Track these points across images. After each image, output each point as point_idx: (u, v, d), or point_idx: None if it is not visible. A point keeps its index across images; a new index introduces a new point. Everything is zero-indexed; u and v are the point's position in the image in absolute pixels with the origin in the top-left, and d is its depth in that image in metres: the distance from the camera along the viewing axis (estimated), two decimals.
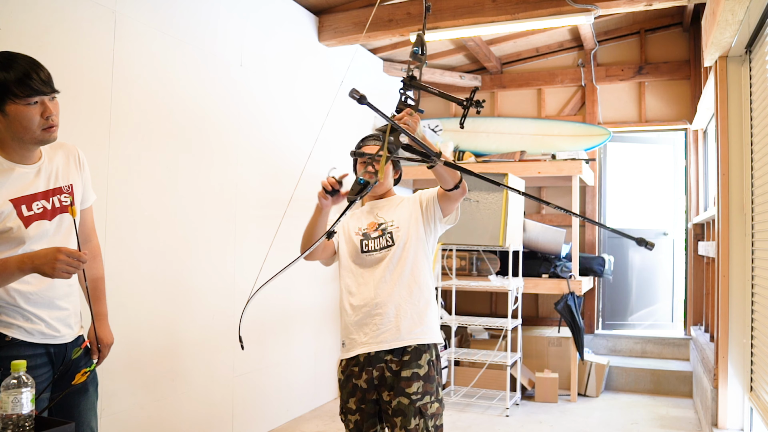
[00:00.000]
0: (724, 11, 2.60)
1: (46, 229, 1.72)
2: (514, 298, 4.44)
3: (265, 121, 3.88)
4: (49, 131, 1.66)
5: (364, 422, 2.12)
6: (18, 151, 1.68)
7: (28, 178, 1.70)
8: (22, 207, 1.66)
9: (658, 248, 5.76)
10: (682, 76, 5.30)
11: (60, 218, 1.77)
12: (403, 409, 2.02)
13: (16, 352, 1.66)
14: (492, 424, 4.09)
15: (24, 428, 1.43)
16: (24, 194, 1.68)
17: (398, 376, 2.05)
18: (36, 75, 1.61)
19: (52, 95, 1.66)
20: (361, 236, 2.18)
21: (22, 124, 1.61)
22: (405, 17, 4.25)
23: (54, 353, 1.78)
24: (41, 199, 1.71)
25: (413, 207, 2.18)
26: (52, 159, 1.78)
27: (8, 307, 1.68)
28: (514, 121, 5.59)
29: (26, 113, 1.60)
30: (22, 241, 1.67)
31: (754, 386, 3.08)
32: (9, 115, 1.60)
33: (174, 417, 3.12)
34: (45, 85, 1.63)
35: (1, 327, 1.67)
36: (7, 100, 1.58)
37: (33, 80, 1.60)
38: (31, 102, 1.60)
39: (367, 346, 2.09)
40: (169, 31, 3.11)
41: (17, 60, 1.62)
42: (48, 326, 1.74)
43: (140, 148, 2.94)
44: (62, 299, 1.78)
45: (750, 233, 3.17)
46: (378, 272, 2.12)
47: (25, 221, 1.67)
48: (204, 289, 3.34)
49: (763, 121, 2.90)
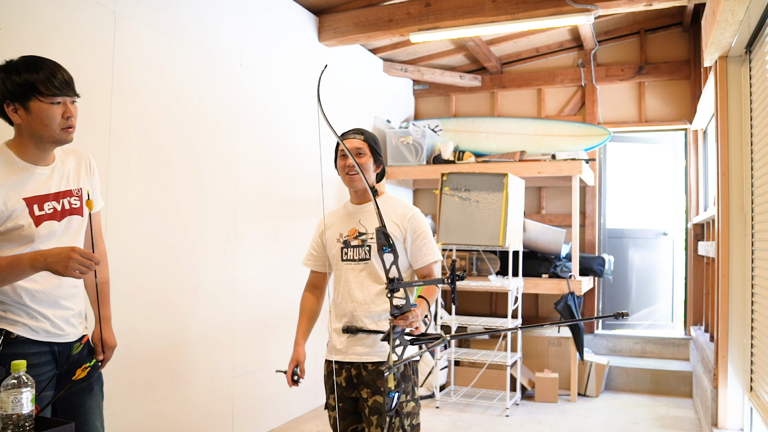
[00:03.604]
0: (724, 11, 2.60)
1: (55, 229, 1.77)
2: (514, 298, 4.44)
3: (266, 121, 3.88)
4: (67, 131, 1.73)
5: (342, 419, 2.16)
6: (34, 152, 1.73)
7: (42, 179, 1.75)
8: (34, 206, 1.71)
9: (658, 248, 5.77)
10: (682, 76, 5.30)
11: (69, 220, 1.81)
12: (379, 408, 2.06)
13: (21, 349, 1.69)
14: (492, 424, 4.09)
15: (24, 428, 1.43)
16: (37, 194, 1.73)
17: (375, 376, 2.09)
18: (61, 76, 1.70)
19: (74, 98, 1.74)
20: (341, 244, 2.20)
21: (44, 121, 1.68)
22: (405, 17, 4.25)
23: (58, 352, 1.81)
24: (52, 200, 1.77)
25: (396, 231, 2.17)
26: (64, 162, 1.84)
27: (14, 305, 1.71)
28: (514, 121, 5.59)
29: (49, 111, 1.67)
30: (32, 239, 1.71)
31: (754, 386, 3.08)
32: (32, 112, 1.67)
33: (174, 417, 3.12)
34: (68, 88, 1.71)
35: (7, 324, 1.71)
36: (32, 98, 1.65)
37: (58, 81, 1.68)
38: (55, 101, 1.68)
39: (341, 355, 2.16)
40: (169, 32, 3.11)
41: (44, 62, 1.71)
42: (52, 324, 1.77)
43: (141, 149, 2.94)
44: (67, 299, 1.82)
45: (750, 233, 3.17)
46: (356, 282, 2.15)
47: (36, 220, 1.71)
48: (204, 289, 3.34)
49: (763, 121, 2.90)
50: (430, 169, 5.11)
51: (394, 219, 2.17)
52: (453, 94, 6.05)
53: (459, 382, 4.79)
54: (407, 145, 5.30)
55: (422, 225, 2.18)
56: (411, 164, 5.27)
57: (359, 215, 2.22)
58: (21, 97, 1.66)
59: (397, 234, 2.16)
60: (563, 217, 5.56)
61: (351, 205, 2.27)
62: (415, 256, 2.16)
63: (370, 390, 2.09)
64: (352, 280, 2.16)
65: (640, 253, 5.76)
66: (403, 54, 5.51)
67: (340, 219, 2.26)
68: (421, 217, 2.21)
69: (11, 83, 1.66)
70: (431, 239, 2.18)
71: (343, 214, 2.27)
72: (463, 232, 4.28)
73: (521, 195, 4.62)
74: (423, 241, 2.16)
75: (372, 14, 4.34)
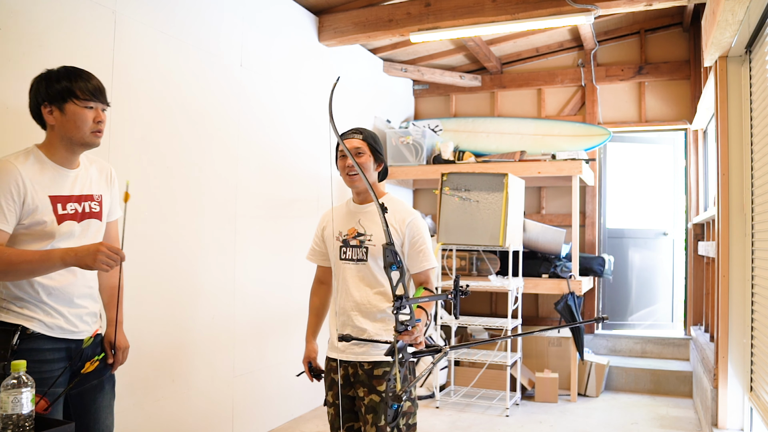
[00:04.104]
0: (724, 11, 2.60)
1: (74, 230, 1.86)
2: (514, 298, 4.44)
3: (266, 121, 3.88)
4: (96, 135, 1.86)
5: (338, 416, 2.18)
6: (63, 154, 1.86)
7: (67, 181, 1.87)
8: (57, 205, 1.82)
9: (658, 248, 5.77)
10: (682, 76, 5.30)
11: (87, 223, 1.91)
12: (375, 407, 2.08)
13: (36, 345, 1.78)
14: (492, 424, 4.09)
15: (24, 428, 1.43)
16: (61, 194, 1.84)
17: (370, 374, 2.11)
18: (96, 84, 1.86)
19: (104, 106, 1.89)
20: (340, 242, 2.22)
21: (77, 123, 1.81)
22: (405, 17, 4.25)
23: (73, 349, 1.88)
24: (74, 201, 1.87)
25: (394, 235, 2.17)
26: (87, 169, 1.96)
27: (32, 301, 1.80)
28: (514, 121, 5.59)
29: (82, 114, 1.81)
30: (52, 236, 1.80)
31: (754, 386, 3.08)
32: (66, 114, 1.80)
33: (174, 417, 3.12)
34: (101, 95, 1.87)
35: (24, 320, 1.78)
36: (69, 100, 1.80)
37: (93, 88, 1.84)
38: (88, 105, 1.82)
39: (339, 353, 2.18)
40: (169, 32, 3.11)
41: (82, 72, 1.87)
42: (67, 321, 1.85)
43: (140, 149, 2.94)
44: (81, 298, 1.90)
45: (750, 233, 3.17)
46: (353, 281, 2.17)
47: (59, 218, 1.82)
48: (204, 289, 3.34)
49: (763, 121, 2.90)
50: (430, 169, 5.11)
51: (393, 223, 2.17)
52: (453, 94, 6.05)
53: (459, 382, 4.79)
54: (407, 145, 5.30)
55: (421, 231, 2.18)
56: (411, 164, 5.27)
57: (359, 215, 2.23)
58: (58, 100, 1.79)
59: (395, 238, 2.16)
60: (563, 217, 5.56)
61: (353, 204, 2.28)
62: (411, 262, 2.18)
63: (367, 389, 2.11)
64: (350, 280, 2.18)
65: (640, 253, 5.76)
66: (403, 54, 5.51)
67: (341, 216, 2.27)
68: (421, 222, 2.21)
69: (52, 89, 1.80)
70: (429, 246, 2.19)
71: (345, 212, 2.28)
72: (463, 232, 4.28)
73: (521, 195, 4.62)
74: (420, 247, 2.17)
75: (372, 14, 4.34)
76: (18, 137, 2.34)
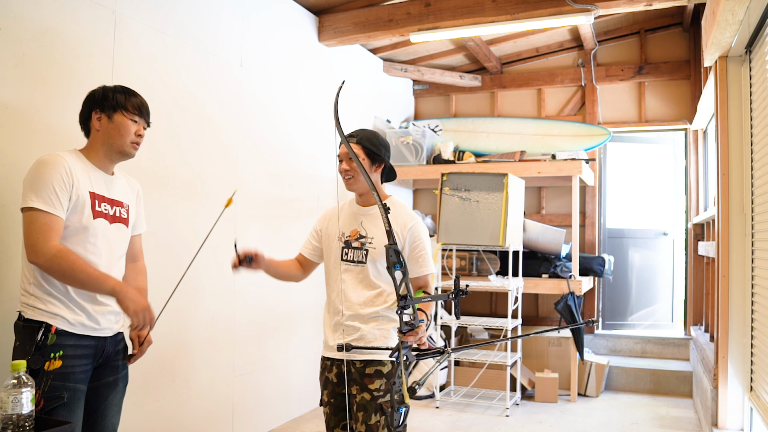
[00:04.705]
0: (724, 11, 2.60)
1: (105, 229, 2.00)
2: (514, 298, 4.44)
3: (266, 121, 3.88)
4: (134, 146, 2.06)
5: (333, 415, 2.21)
6: (102, 160, 2.03)
7: (102, 182, 2.03)
8: (95, 201, 1.97)
9: (658, 248, 5.77)
10: (682, 76, 5.30)
11: (117, 227, 2.05)
12: (365, 405, 2.11)
13: (59, 341, 1.85)
14: (492, 424, 4.09)
15: (24, 428, 1.43)
16: (99, 193, 2.00)
17: (362, 373, 2.14)
18: (143, 103, 2.08)
19: (146, 125, 2.10)
20: (342, 243, 2.25)
21: (120, 132, 2.01)
22: (405, 17, 4.25)
23: (95, 346, 1.96)
24: (108, 203, 2.03)
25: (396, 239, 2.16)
26: (120, 179, 2.13)
27: (59, 296, 1.89)
28: (514, 121, 5.59)
29: (127, 125, 2.02)
30: (86, 229, 1.93)
31: (754, 386, 3.08)
32: (114, 122, 2.00)
33: (174, 417, 3.12)
34: (147, 114, 2.09)
35: (48, 318, 1.86)
36: (118, 111, 2.01)
37: (141, 105, 2.07)
38: (134, 119, 2.03)
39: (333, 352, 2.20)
40: (169, 32, 3.11)
41: (134, 91, 2.09)
42: (89, 317, 1.94)
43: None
44: (104, 296, 1.98)
45: (750, 233, 3.17)
46: (351, 283, 2.20)
47: (95, 214, 1.96)
48: (204, 289, 3.34)
49: (763, 121, 2.90)
50: (430, 169, 5.11)
51: (394, 227, 2.18)
52: (453, 94, 6.05)
53: (459, 382, 4.79)
54: (407, 145, 5.30)
55: (421, 237, 2.21)
56: (411, 164, 5.27)
57: (362, 217, 2.26)
58: (109, 109, 2.00)
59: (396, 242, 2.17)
60: (563, 217, 5.56)
61: (355, 205, 2.31)
62: (410, 267, 2.19)
63: (359, 386, 2.14)
64: (348, 281, 2.20)
65: (640, 253, 5.76)
66: (403, 54, 5.51)
67: (344, 217, 2.29)
68: (422, 227, 2.23)
69: (107, 99, 2.01)
70: (428, 252, 2.23)
71: (348, 213, 2.31)
72: (463, 232, 4.29)
73: (521, 195, 4.62)
74: (420, 252, 2.20)
75: (372, 14, 4.34)
76: (18, 137, 2.34)
